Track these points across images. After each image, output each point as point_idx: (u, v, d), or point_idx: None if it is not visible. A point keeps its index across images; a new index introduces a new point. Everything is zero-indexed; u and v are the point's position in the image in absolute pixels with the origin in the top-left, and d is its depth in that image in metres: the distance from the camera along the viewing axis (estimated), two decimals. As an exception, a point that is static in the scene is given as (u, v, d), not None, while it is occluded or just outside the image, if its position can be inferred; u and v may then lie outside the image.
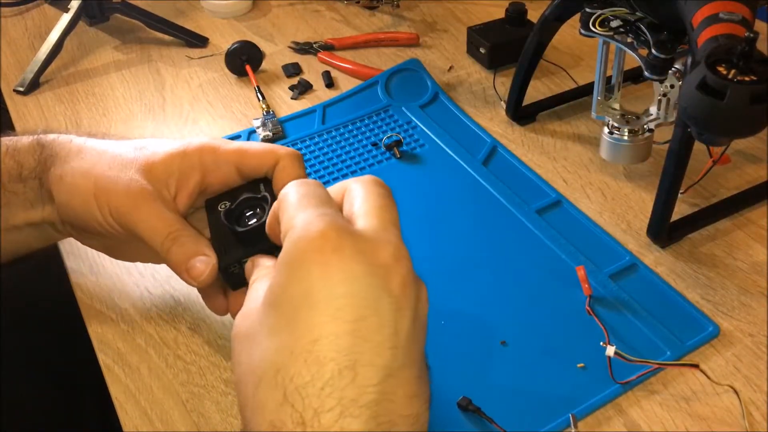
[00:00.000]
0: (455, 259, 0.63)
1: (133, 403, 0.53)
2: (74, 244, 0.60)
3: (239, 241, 0.49)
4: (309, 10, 1.02)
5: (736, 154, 0.73)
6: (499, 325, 0.57)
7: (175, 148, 0.52)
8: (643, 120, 0.68)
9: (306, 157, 0.74)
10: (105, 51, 0.95)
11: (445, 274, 0.62)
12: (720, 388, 0.53)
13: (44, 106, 0.85)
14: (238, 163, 0.51)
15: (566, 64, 0.87)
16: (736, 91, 0.47)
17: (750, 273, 0.61)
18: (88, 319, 0.60)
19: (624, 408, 0.52)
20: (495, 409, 0.52)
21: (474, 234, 0.66)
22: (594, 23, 0.66)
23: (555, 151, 0.75)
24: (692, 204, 0.68)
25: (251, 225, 0.48)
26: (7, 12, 1.03)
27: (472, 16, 0.98)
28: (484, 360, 0.55)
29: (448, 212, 0.67)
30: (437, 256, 0.63)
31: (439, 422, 0.51)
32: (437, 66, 0.89)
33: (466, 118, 0.79)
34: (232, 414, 0.53)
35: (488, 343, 0.56)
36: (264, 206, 0.49)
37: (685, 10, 0.55)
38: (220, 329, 0.58)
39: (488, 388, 0.53)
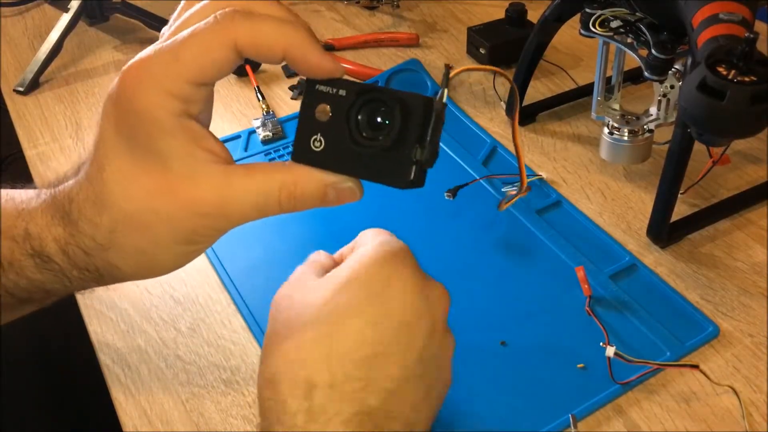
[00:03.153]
0: (455, 260, 0.63)
1: (133, 403, 0.53)
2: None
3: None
4: (309, 10, 1.02)
5: (736, 155, 0.73)
6: (499, 325, 0.57)
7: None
8: (643, 120, 0.68)
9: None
10: (105, 51, 0.95)
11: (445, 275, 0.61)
12: (720, 389, 0.53)
13: (44, 106, 0.85)
14: (235, 43, 0.37)
15: (566, 65, 0.87)
16: (736, 92, 0.47)
17: (750, 273, 0.61)
18: (88, 319, 0.60)
19: (624, 408, 0.52)
20: (495, 409, 0.52)
21: (474, 234, 0.66)
22: (594, 23, 0.66)
23: (555, 151, 0.75)
24: (692, 204, 0.68)
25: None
26: (7, 12, 1.03)
27: (472, 17, 0.99)
28: (484, 360, 0.55)
29: (448, 212, 0.67)
30: (437, 257, 0.63)
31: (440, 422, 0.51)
32: (437, 66, 0.89)
33: (466, 118, 0.79)
34: (232, 414, 0.53)
35: (488, 343, 0.56)
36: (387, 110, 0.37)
37: (685, 11, 0.55)
38: (220, 329, 0.58)
39: (488, 388, 0.53)
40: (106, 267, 0.39)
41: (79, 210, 0.38)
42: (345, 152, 0.37)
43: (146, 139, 0.36)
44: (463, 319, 0.58)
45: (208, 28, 0.35)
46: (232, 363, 0.56)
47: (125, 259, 0.39)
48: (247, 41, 0.35)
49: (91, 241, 0.38)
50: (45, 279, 0.40)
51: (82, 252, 0.39)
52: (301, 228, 0.67)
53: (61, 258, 0.39)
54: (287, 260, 0.65)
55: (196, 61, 0.35)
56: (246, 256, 0.64)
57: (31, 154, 0.78)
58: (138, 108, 0.36)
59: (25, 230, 0.40)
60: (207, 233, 0.39)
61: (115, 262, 0.39)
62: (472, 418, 0.51)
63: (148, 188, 0.37)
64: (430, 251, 0.63)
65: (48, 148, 0.79)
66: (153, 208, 0.37)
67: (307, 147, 0.38)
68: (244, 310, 0.60)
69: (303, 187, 0.38)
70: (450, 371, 0.44)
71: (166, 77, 0.35)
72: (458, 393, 0.52)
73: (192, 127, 0.37)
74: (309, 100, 0.38)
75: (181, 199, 0.37)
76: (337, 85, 0.37)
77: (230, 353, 0.57)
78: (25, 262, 0.40)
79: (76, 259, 0.39)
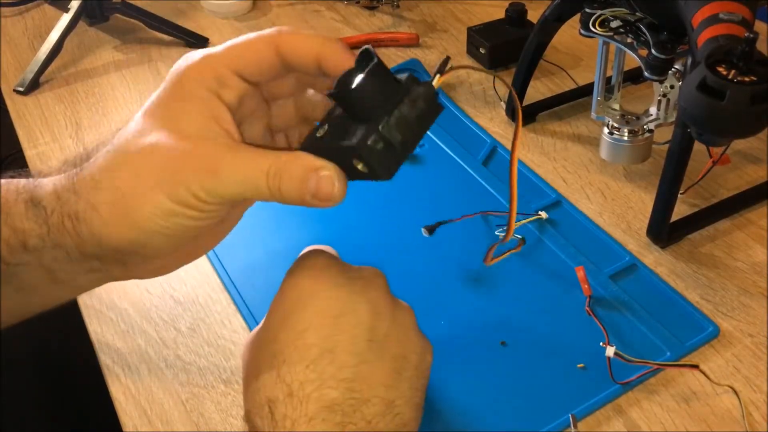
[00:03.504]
0: (455, 260, 0.63)
1: (133, 403, 0.53)
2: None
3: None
4: (309, 10, 1.02)
5: (736, 155, 0.73)
6: (499, 326, 0.57)
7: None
8: (643, 120, 0.68)
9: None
10: (105, 51, 0.95)
11: (445, 275, 0.62)
12: (720, 389, 0.53)
13: (44, 106, 0.85)
14: (278, 46, 0.41)
15: (566, 65, 0.87)
16: (736, 92, 0.47)
17: (750, 273, 0.61)
18: (88, 319, 0.60)
19: (624, 408, 0.52)
20: (495, 409, 0.52)
21: (474, 234, 0.66)
22: (594, 23, 0.66)
23: (555, 151, 0.75)
24: (692, 204, 0.68)
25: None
26: (7, 12, 1.03)
27: (472, 17, 0.99)
28: (484, 360, 0.55)
29: (448, 212, 0.67)
30: (437, 257, 0.63)
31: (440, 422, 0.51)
32: (437, 66, 0.89)
33: (466, 118, 0.79)
34: (232, 414, 0.53)
35: (488, 343, 0.56)
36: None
37: (685, 11, 0.55)
38: (220, 329, 0.58)
39: (488, 388, 0.53)
40: (86, 211, 0.39)
41: (88, 155, 0.41)
42: (338, 139, 0.39)
43: (176, 102, 0.40)
44: (464, 319, 0.58)
45: (258, 34, 0.41)
46: (232, 363, 0.56)
47: (107, 201, 0.39)
48: (288, 42, 0.40)
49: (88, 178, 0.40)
50: (27, 228, 0.40)
51: (73, 193, 0.40)
52: (300, 229, 0.67)
53: (50, 201, 0.40)
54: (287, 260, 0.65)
55: (240, 52, 0.40)
56: (246, 256, 0.64)
57: (31, 154, 0.78)
58: (181, 75, 0.40)
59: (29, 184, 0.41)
60: (194, 191, 0.38)
61: (96, 202, 0.39)
62: (472, 418, 0.51)
63: (156, 135, 0.39)
64: (430, 251, 0.64)
65: (48, 148, 0.79)
66: (152, 148, 0.38)
67: (313, 134, 0.40)
68: (244, 310, 0.60)
69: (291, 168, 0.39)
70: (419, 339, 0.45)
71: (212, 58, 0.40)
72: (458, 393, 0.53)
73: (217, 107, 0.40)
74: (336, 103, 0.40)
75: (181, 146, 0.38)
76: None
77: (230, 353, 0.57)
78: (16, 208, 0.41)
79: (64, 203, 0.40)
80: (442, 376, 0.52)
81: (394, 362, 0.43)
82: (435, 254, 0.63)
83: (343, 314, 0.43)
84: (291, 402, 0.40)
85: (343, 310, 0.43)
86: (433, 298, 0.60)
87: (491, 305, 0.59)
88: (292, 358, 0.41)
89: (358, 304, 0.43)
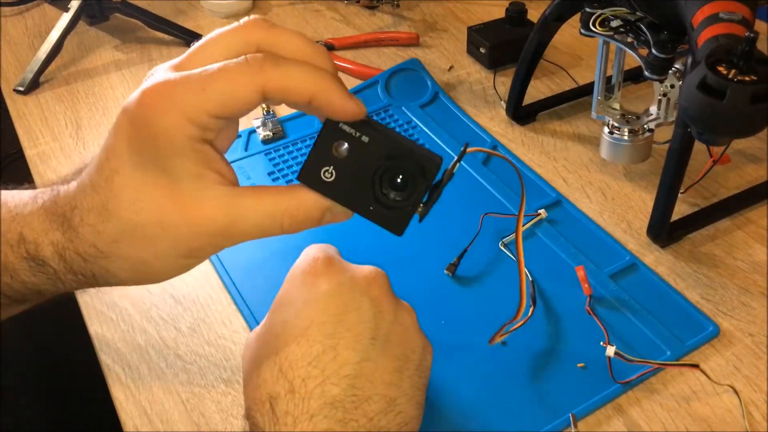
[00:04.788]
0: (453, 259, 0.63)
1: (133, 403, 0.53)
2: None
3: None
4: (309, 10, 1.02)
5: (736, 154, 0.73)
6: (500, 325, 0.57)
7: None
8: (643, 120, 0.68)
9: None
10: (105, 51, 0.95)
11: (445, 274, 0.62)
12: (720, 388, 0.53)
13: (44, 105, 0.85)
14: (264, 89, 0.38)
15: (566, 64, 0.87)
16: (736, 91, 0.47)
17: (750, 273, 0.61)
18: (88, 319, 0.60)
19: (624, 408, 0.52)
20: (495, 408, 0.52)
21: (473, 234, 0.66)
22: (594, 23, 0.66)
23: (555, 150, 0.75)
24: (692, 204, 0.68)
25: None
26: (7, 12, 1.03)
27: (472, 16, 0.98)
28: (484, 360, 0.55)
29: (448, 212, 0.67)
30: (437, 256, 0.63)
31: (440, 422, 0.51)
32: (437, 66, 0.89)
33: (466, 118, 0.79)
34: (232, 414, 0.53)
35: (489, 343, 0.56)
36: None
37: (685, 10, 0.55)
38: (220, 329, 0.58)
39: (488, 387, 0.53)
40: (102, 273, 0.40)
41: (81, 217, 0.39)
42: (355, 193, 0.40)
43: (159, 157, 0.37)
44: (463, 319, 0.58)
45: (239, 68, 0.36)
46: (232, 363, 0.56)
47: (123, 267, 0.40)
48: (276, 87, 0.37)
49: (92, 248, 0.39)
50: (39, 282, 0.41)
51: (80, 258, 0.39)
52: (301, 228, 0.67)
53: (57, 262, 0.40)
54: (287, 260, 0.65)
55: (222, 97, 0.36)
56: (246, 256, 0.64)
57: (31, 154, 0.78)
58: (155, 127, 0.36)
59: (20, 234, 0.40)
60: (208, 250, 0.40)
61: (112, 269, 0.40)
62: (472, 417, 0.51)
63: (157, 201, 0.38)
64: (430, 251, 0.64)
65: (48, 147, 0.79)
66: (160, 222, 0.38)
67: (316, 173, 0.40)
68: (244, 310, 0.60)
69: (305, 211, 0.40)
70: (420, 338, 0.46)
71: (188, 105, 0.36)
72: (459, 392, 0.53)
73: (205, 151, 0.38)
74: (329, 133, 0.39)
75: (189, 216, 0.38)
76: (360, 129, 0.39)
77: (230, 353, 0.57)
78: (19, 265, 0.40)
79: (73, 265, 0.40)
80: (442, 375, 0.52)
81: (396, 360, 0.43)
82: (434, 254, 0.63)
83: (347, 312, 0.43)
84: (293, 398, 0.40)
85: (346, 308, 0.43)
86: (433, 298, 0.60)
87: (491, 305, 0.59)
88: (295, 354, 0.41)
89: (362, 302, 0.43)
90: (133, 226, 0.38)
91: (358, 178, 0.39)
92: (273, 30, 0.39)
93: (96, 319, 0.59)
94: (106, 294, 0.61)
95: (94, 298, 0.61)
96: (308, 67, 0.38)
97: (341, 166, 0.39)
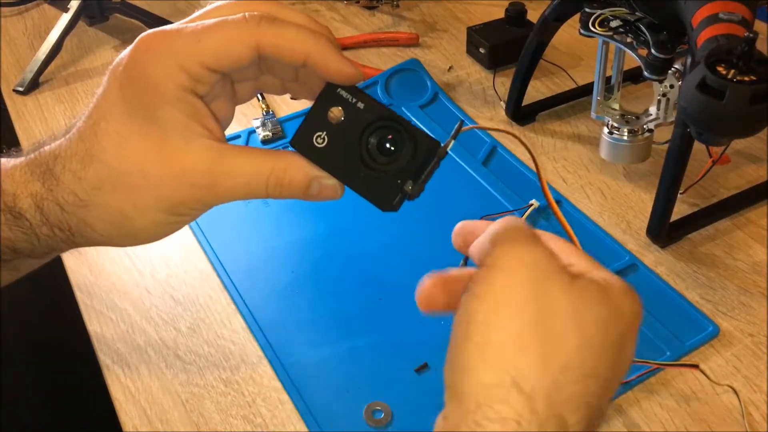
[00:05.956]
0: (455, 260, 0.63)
1: (133, 403, 0.53)
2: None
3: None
4: (309, 10, 1.02)
5: (736, 154, 0.73)
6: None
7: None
8: (643, 120, 0.68)
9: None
10: (105, 51, 0.95)
11: (445, 274, 0.62)
12: (720, 388, 0.53)
13: (44, 106, 0.85)
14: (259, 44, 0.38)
15: (566, 64, 0.87)
16: (735, 91, 0.47)
17: (750, 273, 0.61)
18: (88, 319, 0.60)
19: (624, 408, 0.52)
20: (495, 409, 0.51)
21: (474, 234, 0.66)
22: (594, 23, 0.66)
23: (555, 151, 0.75)
24: (692, 204, 0.68)
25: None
26: (7, 12, 1.03)
27: (472, 16, 0.98)
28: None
29: (448, 212, 0.67)
30: (437, 256, 0.63)
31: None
32: (437, 66, 0.89)
33: (466, 118, 0.79)
34: (231, 414, 0.53)
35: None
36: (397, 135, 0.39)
37: (685, 10, 0.55)
38: (220, 329, 0.58)
39: (488, 388, 0.53)
40: (79, 226, 0.39)
41: (63, 164, 0.39)
42: (344, 160, 0.38)
43: (148, 105, 0.37)
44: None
45: (236, 22, 0.37)
46: (232, 363, 0.56)
47: (102, 218, 0.39)
48: (270, 42, 0.37)
49: (71, 195, 0.38)
50: (14, 237, 0.40)
51: (58, 208, 0.39)
52: (300, 228, 0.67)
53: (33, 214, 0.39)
54: (287, 260, 0.65)
55: (216, 48, 0.36)
56: (246, 256, 0.64)
57: (30, 154, 0.78)
58: (147, 74, 0.37)
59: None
60: (191, 205, 0.39)
61: (90, 220, 0.39)
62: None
63: (141, 151, 0.37)
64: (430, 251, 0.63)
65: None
66: (143, 171, 0.37)
67: (308, 139, 0.39)
68: (244, 310, 0.60)
69: (292, 175, 0.39)
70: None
71: (182, 53, 0.36)
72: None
73: (195, 104, 0.38)
74: (325, 98, 0.39)
75: (172, 166, 0.37)
76: (357, 96, 0.38)
77: (230, 353, 0.57)
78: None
79: (50, 216, 0.39)
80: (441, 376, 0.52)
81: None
82: (434, 254, 0.63)
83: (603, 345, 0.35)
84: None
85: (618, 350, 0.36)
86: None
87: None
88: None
89: (627, 338, 0.37)
90: (116, 173, 0.38)
91: (349, 143, 0.38)
92: (276, 3, 0.39)
93: (95, 320, 0.59)
94: (106, 294, 0.61)
95: (94, 299, 0.61)
96: (304, 29, 0.38)
97: (334, 131, 0.39)
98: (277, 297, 0.61)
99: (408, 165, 0.39)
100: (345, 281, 0.62)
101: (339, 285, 0.62)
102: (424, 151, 0.39)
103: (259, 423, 0.52)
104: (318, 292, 0.61)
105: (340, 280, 0.62)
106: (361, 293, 0.61)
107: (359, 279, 0.62)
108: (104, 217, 0.39)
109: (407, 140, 0.38)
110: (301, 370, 0.55)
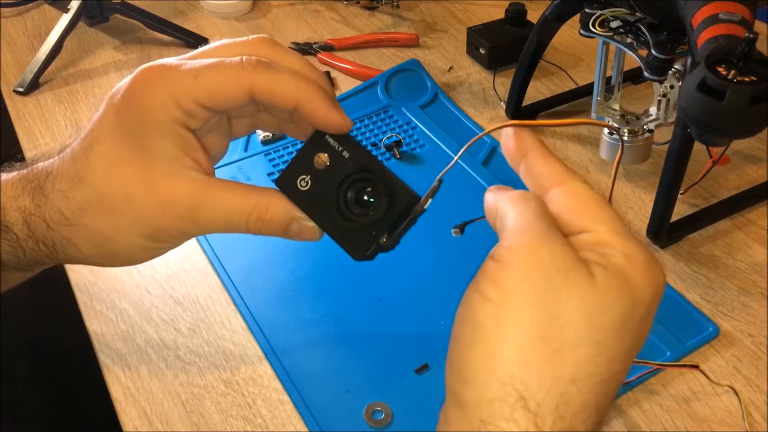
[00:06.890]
0: (455, 260, 0.63)
1: (133, 404, 0.53)
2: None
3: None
4: (309, 11, 1.02)
5: (736, 155, 0.73)
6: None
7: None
8: (643, 120, 0.68)
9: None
10: (105, 51, 0.95)
11: (446, 275, 0.62)
12: (720, 389, 0.53)
13: (44, 106, 0.85)
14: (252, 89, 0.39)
15: (566, 65, 0.87)
16: (736, 92, 0.47)
17: (750, 273, 0.61)
18: (88, 319, 0.60)
19: (624, 408, 0.52)
20: (495, 409, 0.51)
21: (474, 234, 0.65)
22: (594, 23, 0.66)
23: (555, 151, 0.75)
24: (692, 204, 0.68)
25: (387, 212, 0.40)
26: (7, 12, 1.03)
27: (472, 17, 0.99)
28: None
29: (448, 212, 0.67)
30: (437, 257, 0.63)
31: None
32: (437, 66, 0.89)
33: (465, 118, 0.79)
34: (231, 414, 0.53)
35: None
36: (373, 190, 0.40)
37: (685, 11, 0.55)
38: (220, 329, 0.58)
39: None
40: (63, 243, 0.40)
41: (53, 182, 0.40)
42: (324, 206, 0.40)
43: (141, 133, 0.38)
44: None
45: (233, 65, 0.38)
46: (232, 363, 0.56)
47: (85, 238, 0.40)
48: (263, 88, 0.38)
49: (58, 213, 0.40)
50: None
51: (45, 224, 0.40)
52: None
53: (20, 228, 0.40)
54: (287, 260, 0.65)
55: (211, 87, 0.38)
56: (246, 256, 0.64)
57: (31, 154, 0.78)
58: (143, 104, 0.38)
59: None
60: (171, 233, 0.40)
61: (73, 239, 0.40)
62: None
63: (129, 176, 0.39)
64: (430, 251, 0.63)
65: (48, 148, 0.79)
66: (129, 196, 0.39)
67: (292, 181, 0.40)
68: (244, 310, 0.60)
69: (273, 213, 0.40)
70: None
71: (178, 88, 0.38)
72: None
73: (186, 137, 0.39)
74: (314, 143, 0.40)
75: (157, 193, 0.39)
76: (344, 144, 0.40)
77: (230, 353, 0.57)
78: None
79: (36, 231, 0.40)
80: (441, 374, 0.52)
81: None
82: (434, 255, 0.63)
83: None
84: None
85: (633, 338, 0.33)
86: (433, 298, 0.60)
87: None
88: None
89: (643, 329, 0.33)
90: (101, 195, 0.39)
91: (329, 191, 0.40)
92: (276, 47, 0.41)
93: (95, 320, 0.59)
94: (106, 294, 0.61)
95: (94, 299, 0.61)
96: (298, 76, 0.39)
97: (318, 177, 0.40)
98: (278, 297, 0.61)
99: (383, 218, 0.39)
100: (345, 281, 0.62)
101: (339, 285, 0.62)
102: (402, 206, 0.40)
103: (259, 423, 0.52)
104: (318, 292, 0.61)
105: (340, 281, 0.62)
106: (361, 293, 0.61)
107: (359, 279, 0.62)
108: (87, 238, 0.40)
109: (383, 195, 0.39)
110: (301, 370, 0.55)
